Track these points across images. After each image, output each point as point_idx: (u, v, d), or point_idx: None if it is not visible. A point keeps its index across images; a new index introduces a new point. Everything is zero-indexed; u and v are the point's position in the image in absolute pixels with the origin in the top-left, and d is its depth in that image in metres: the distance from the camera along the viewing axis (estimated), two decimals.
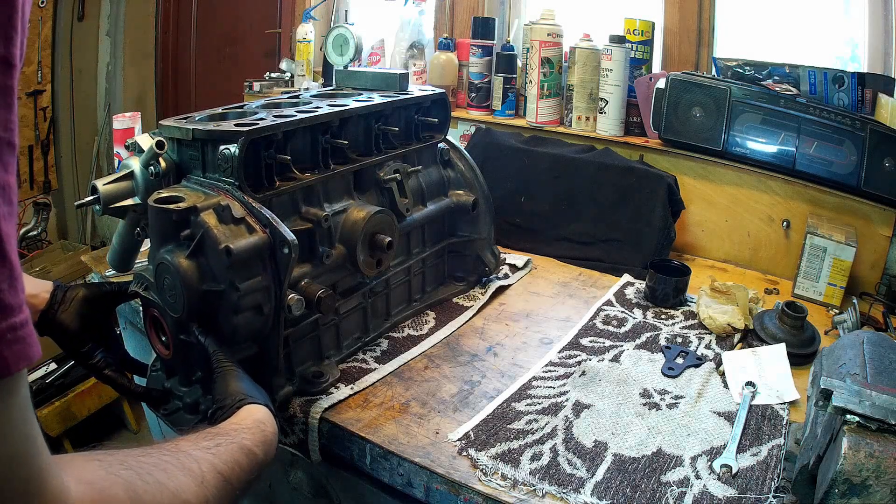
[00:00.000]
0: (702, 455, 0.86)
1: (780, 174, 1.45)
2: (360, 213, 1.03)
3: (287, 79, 2.28)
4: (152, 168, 0.91)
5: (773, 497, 0.79)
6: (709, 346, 1.15)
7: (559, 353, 1.13)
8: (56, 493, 0.41)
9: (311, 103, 1.10)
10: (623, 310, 1.28)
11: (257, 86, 2.22)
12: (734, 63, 1.52)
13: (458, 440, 0.89)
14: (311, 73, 2.19)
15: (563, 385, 1.03)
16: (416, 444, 0.89)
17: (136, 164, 0.94)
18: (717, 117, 1.47)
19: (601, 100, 1.65)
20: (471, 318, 1.24)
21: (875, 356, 0.77)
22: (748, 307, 1.19)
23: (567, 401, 0.98)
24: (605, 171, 1.54)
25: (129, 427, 2.56)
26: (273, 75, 2.28)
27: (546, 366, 1.09)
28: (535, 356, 1.12)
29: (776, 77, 1.46)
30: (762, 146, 1.45)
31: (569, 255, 1.53)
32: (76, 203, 0.97)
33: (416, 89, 1.25)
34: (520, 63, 1.84)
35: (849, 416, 0.64)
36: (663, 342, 1.16)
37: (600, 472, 0.83)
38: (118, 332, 1.01)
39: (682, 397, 0.99)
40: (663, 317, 1.26)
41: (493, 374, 1.06)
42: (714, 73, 1.58)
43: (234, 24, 3.05)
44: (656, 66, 1.71)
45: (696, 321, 1.23)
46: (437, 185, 1.27)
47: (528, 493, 0.80)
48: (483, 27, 1.87)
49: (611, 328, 1.21)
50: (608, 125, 1.66)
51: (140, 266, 0.93)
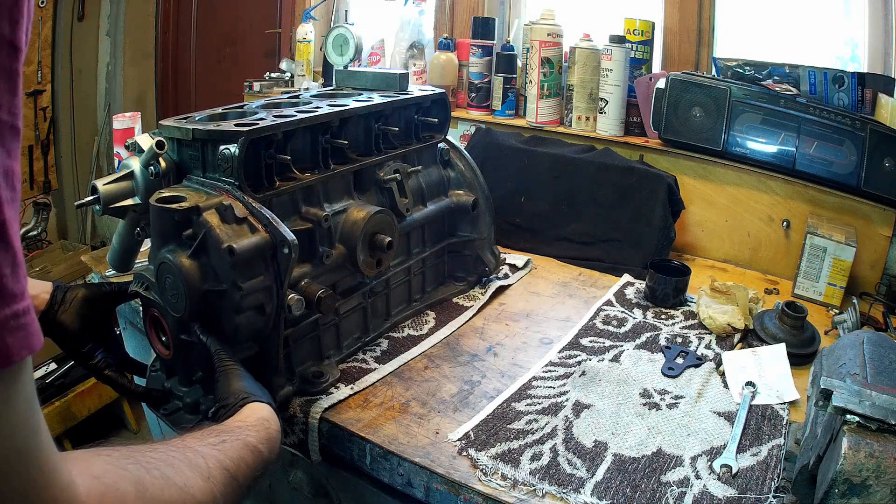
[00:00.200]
0: (702, 455, 0.86)
1: (780, 174, 1.45)
2: (360, 213, 1.03)
3: (287, 79, 2.28)
4: (152, 168, 0.91)
5: (773, 497, 0.79)
6: (709, 346, 1.15)
7: (559, 353, 1.13)
8: (64, 487, 0.41)
9: (311, 103, 1.10)
10: (623, 310, 1.28)
11: (257, 86, 2.22)
12: (734, 63, 1.52)
13: (458, 440, 0.89)
14: (311, 73, 2.19)
15: (563, 385, 1.03)
16: (416, 444, 0.89)
17: (136, 164, 0.94)
18: (717, 117, 1.47)
19: (601, 100, 1.65)
20: (471, 318, 1.24)
21: (875, 356, 0.77)
22: (748, 307, 1.19)
23: (567, 401, 0.98)
24: (605, 171, 1.54)
25: (129, 427, 2.56)
26: (273, 75, 2.28)
27: (546, 366, 1.09)
28: (535, 356, 1.12)
29: (776, 77, 1.46)
30: (762, 146, 1.45)
31: (569, 255, 1.53)
32: (76, 203, 0.97)
33: (416, 89, 1.25)
34: (520, 63, 1.84)
35: (849, 416, 0.64)
36: (663, 342, 1.16)
37: (600, 472, 0.83)
38: (118, 333, 1.00)
39: (682, 397, 0.99)
40: (663, 317, 1.26)
41: (493, 374, 1.06)
42: (714, 73, 1.58)
43: (234, 24, 3.05)
44: (656, 66, 1.71)
45: (696, 321, 1.23)
46: (437, 185, 1.27)
47: (528, 493, 0.80)
48: (483, 27, 1.87)
49: (611, 328, 1.21)
50: (608, 125, 1.66)
51: (140, 266, 0.93)
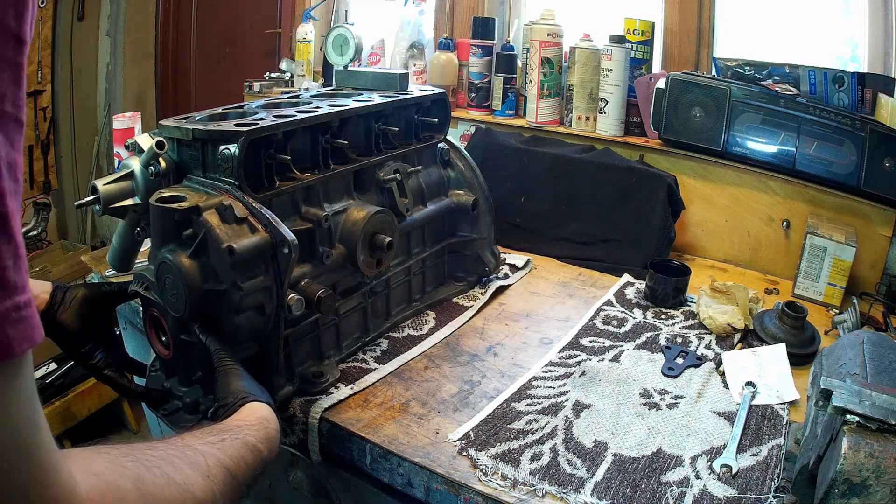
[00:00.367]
0: (702, 455, 0.86)
1: (780, 174, 1.45)
2: (360, 213, 1.03)
3: (287, 79, 2.28)
4: (152, 168, 0.91)
5: (773, 497, 0.79)
6: (709, 346, 1.15)
7: (559, 353, 1.13)
8: (64, 484, 0.41)
9: (311, 103, 1.10)
10: (623, 310, 1.28)
11: (257, 86, 2.22)
12: (734, 63, 1.52)
13: (458, 440, 0.89)
14: (311, 73, 2.19)
15: (563, 385, 1.03)
16: (416, 444, 0.89)
17: (136, 164, 0.94)
18: (717, 117, 1.47)
19: (601, 100, 1.65)
20: (471, 318, 1.24)
21: (875, 356, 0.77)
22: (748, 307, 1.19)
23: (567, 401, 0.98)
24: (605, 171, 1.54)
25: (129, 427, 2.56)
26: (273, 75, 2.28)
27: (546, 366, 1.09)
28: (535, 356, 1.12)
29: (776, 77, 1.46)
30: (762, 146, 1.45)
31: (569, 255, 1.53)
32: (76, 203, 0.97)
33: (416, 89, 1.25)
34: (520, 63, 1.84)
35: (849, 416, 0.64)
36: (663, 342, 1.16)
37: (600, 472, 0.83)
38: (118, 333, 1.00)
39: (682, 397, 0.99)
40: (663, 317, 1.26)
41: (493, 374, 1.06)
42: (714, 73, 1.58)
43: (233, 24, 3.05)
44: (656, 66, 1.71)
45: (696, 321, 1.23)
46: (437, 185, 1.27)
47: (528, 493, 0.80)
48: (483, 27, 1.87)
49: (611, 328, 1.21)
50: (608, 125, 1.66)
51: (140, 266, 0.93)
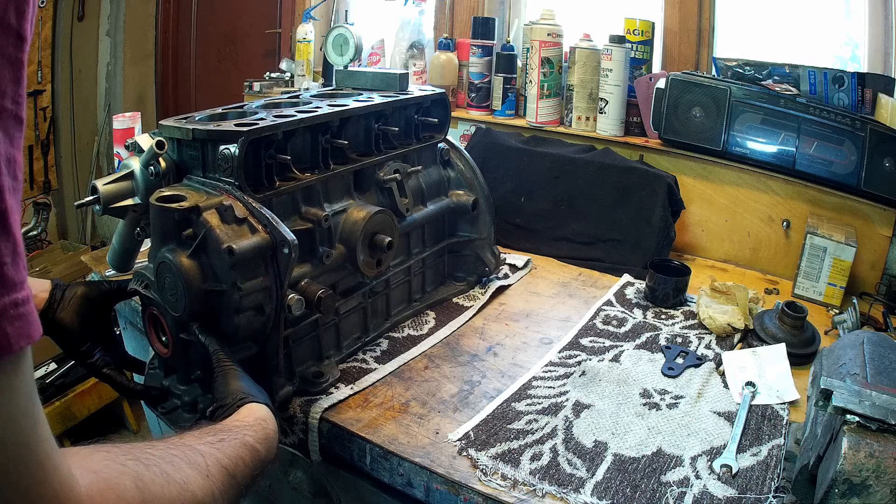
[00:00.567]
0: (702, 455, 0.86)
1: (780, 174, 1.45)
2: (360, 213, 1.03)
3: (287, 79, 2.28)
4: (152, 168, 0.91)
5: (773, 497, 0.79)
6: (709, 346, 1.15)
7: (559, 353, 1.13)
8: (63, 481, 0.41)
9: (311, 103, 1.10)
10: (623, 310, 1.28)
11: (257, 86, 2.22)
12: (734, 63, 1.52)
13: (458, 440, 0.89)
14: (311, 73, 2.19)
15: (563, 385, 1.03)
16: (416, 444, 0.89)
17: (136, 164, 0.94)
18: (717, 117, 1.47)
19: (601, 100, 1.65)
20: (471, 318, 1.24)
21: (875, 356, 0.77)
22: (748, 307, 1.19)
23: (567, 401, 0.98)
24: (605, 171, 1.54)
25: (128, 427, 2.56)
26: (273, 75, 2.28)
27: (546, 366, 1.09)
28: (535, 356, 1.12)
29: (776, 77, 1.46)
30: (762, 146, 1.45)
31: (569, 255, 1.53)
32: (76, 203, 0.97)
33: (416, 89, 1.25)
34: (520, 63, 1.84)
35: (849, 416, 0.64)
36: (663, 342, 1.16)
37: (600, 472, 0.83)
38: (118, 332, 1.00)
39: (682, 397, 0.99)
40: (663, 317, 1.26)
41: (493, 374, 1.06)
42: (714, 73, 1.58)
43: (233, 24, 3.05)
44: (656, 66, 1.71)
45: (696, 321, 1.22)
46: (437, 185, 1.27)
47: (528, 493, 0.80)
48: (483, 27, 1.87)
49: (611, 328, 1.21)
50: (608, 125, 1.66)
51: (140, 265, 0.93)
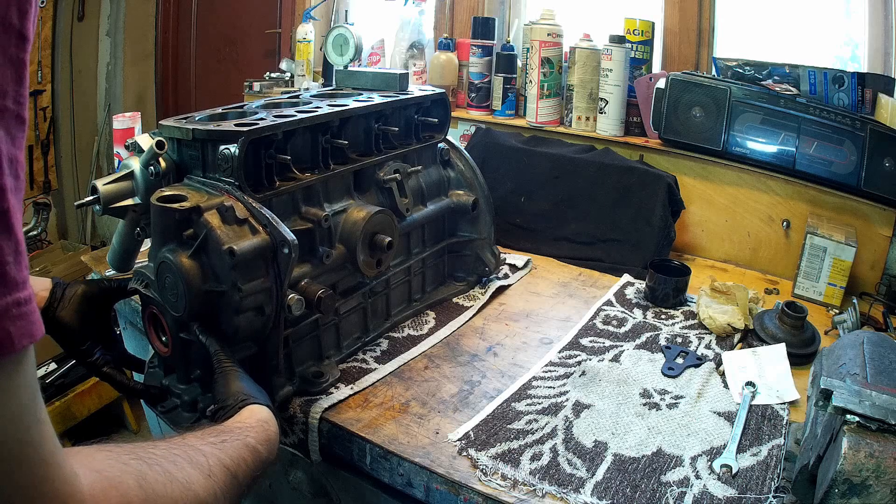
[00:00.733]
0: (702, 455, 0.86)
1: (780, 174, 1.45)
2: (360, 213, 1.03)
3: (287, 79, 2.28)
4: (152, 168, 0.91)
5: (773, 497, 0.79)
6: (709, 346, 1.15)
7: (559, 353, 1.13)
8: (66, 479, 0.41)
9: (311, 103, 1.10)
10: (623, 310, 1.28)
11: (257, 86, 2.22)
12: (734, 63, 1.52)
13: (458, 440, 0.89)
14: (311, 73, 2.19)
15: (563, 385, 1.03)
16: (416, 444, 0.89)
17: (136, 164, 0.94)
18: (717, 117, 1.47)
19: (601, 100, 1.65)
20: (471, 318, 1.24)
21: (875, 356, 0.77)
22: (748, 307, 1.19)
23: (567, 401, 0.98)
24: (605, 171, 1.54)
25: (128, 427, 2.56)
26: (273, 75, 2.28)
27: (546, 366, 1.09)
28: (535, 356, 1.12)
29: (776, 77, 1.46)
30: (762, 146, 1.45)
31: (569, 255, 1.53)
32: (76, 203, 0.97)
33: (416, 89, 1.25)
34: (520, 63, 1.84)
35: (849, 416, 0.64)
36: (663, 342, 1.16)
37: (600, 472, 0.83)
38: (118, 332, 1.00)
39: (682, 397, 0.99)
40: (663, 317, 1.26)
41: (493, 374, 1.06)
42: (714, 73, 1.58)
43: (233, 25, 3.05)
44: (656, 66, 1.71)
45: (696, 321, 1.23)
46: (437, 185, 1.27)
47: (528, 493, 0.80)
48: (483, 27, 1.87)
49: (611, 328, 1.21)
50: (608, 125, 1.66)
51: (140, 265, 0.93)
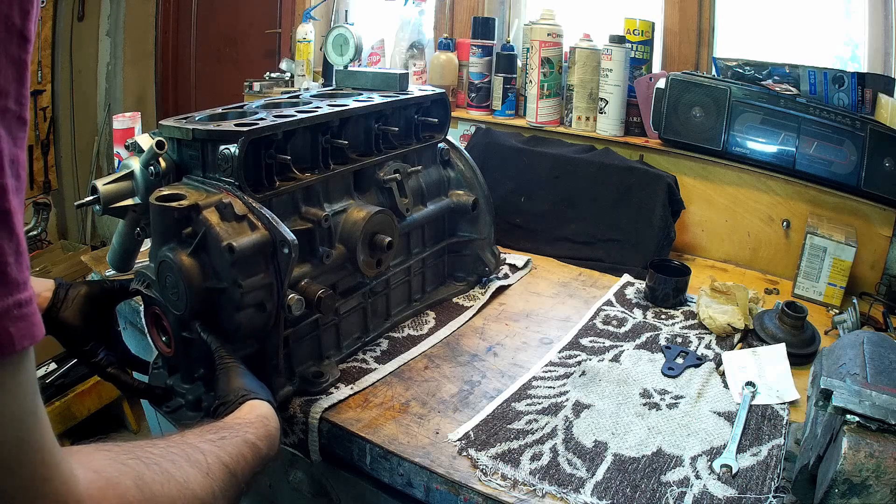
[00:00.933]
0: (702, 455, 0.86)
1: (780, 174, 1.45)
2: (360, 213, 1.03)
3: (287, 79, 2.28)
4: (152, 168, 0.91)
5: (773, 497, 0.79)
6: (709, 346, 1.15)
7: (559, 353, 1.13)
8: (65, 480, 0.41)
9: (311, 103, 1.10)
10: (623, 310, 1.28)
11: (257, 86, 2.22)
12: (734, 63, 1.52)
13: (458, 440, 0.89)
14: (311, 73, 2.19)
15: (563, 385, 1.03)
16: (416, 444, 0.89)
17: (136, 164, 0.94)
18: (717, 117, 1.47)
19: (601, 100, 1.65)
20: (471, 318, 1.24)
21: (875, 356, 0.77)
22: (748, 307, 1.19)
23: (567, 401, 0.98)
24: (605, 171, 1.54)
25: (128, 427, 2.57)
26: (273, 75, 2.28)
27: (546, 366, 1.09)
28: (535, 356, 1.12)
29: (776, 77, 1.46)
30: (762, 146, 1.45)
31: (569, 255, 1.53)
32: (76, 203, 0.97)
33: (416, 89, 1.25)
34: (520, 63, 1.84)
35: (849, 416, 0.64)
36: (663, 342, 1.16)
37: (600, 472, 0.83)
38: (119, 331, 1.00)
39: (682, 397, 0.99)
40: (663, 317, 1.26)
41: (493, 374, 1.06)
42: (714, 73, 1.58)
43: (233, 25, 3.05)
44: (656, 66, 1.71)
45: (696, 321, 1.23)
46: (437, 185, 1.27)
47: (528, 493, 0.80)
48: (483, 27, 1.87)
49: (611, 328, 1.21)
50: (608, 125, 1.66)
51: (140, 265, 0.93)
